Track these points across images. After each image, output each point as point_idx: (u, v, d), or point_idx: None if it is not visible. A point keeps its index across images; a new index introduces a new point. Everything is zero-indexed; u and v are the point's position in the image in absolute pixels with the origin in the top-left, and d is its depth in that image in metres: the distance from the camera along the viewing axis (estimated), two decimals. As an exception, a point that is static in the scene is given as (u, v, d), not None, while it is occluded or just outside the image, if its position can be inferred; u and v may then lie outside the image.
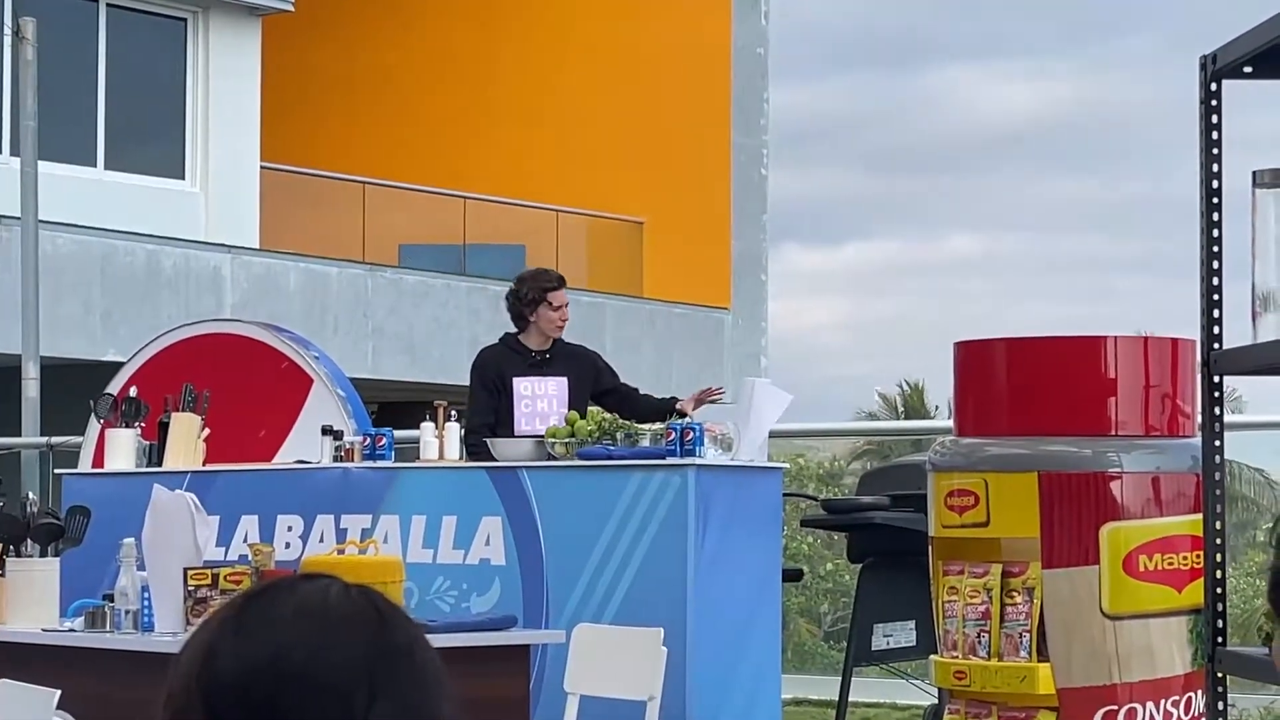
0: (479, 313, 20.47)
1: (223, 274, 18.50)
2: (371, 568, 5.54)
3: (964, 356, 5.19)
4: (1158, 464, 4.99)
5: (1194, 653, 4.95)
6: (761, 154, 22.94)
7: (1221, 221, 4.19)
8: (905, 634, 8.83)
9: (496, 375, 9.15)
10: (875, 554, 8.72)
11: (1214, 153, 4.19)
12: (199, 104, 19.78)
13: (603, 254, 22.94)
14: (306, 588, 1.86)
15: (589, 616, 7.83)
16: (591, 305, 21.46)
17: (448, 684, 1.87)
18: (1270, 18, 3.94)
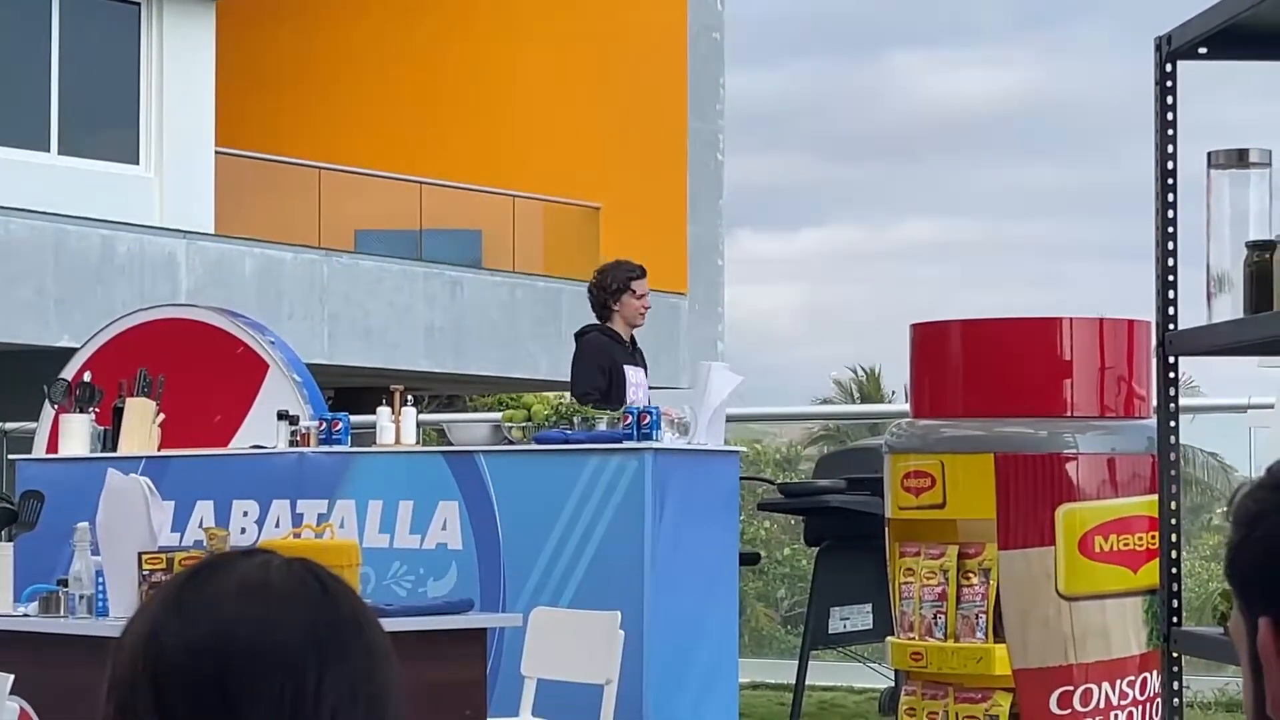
0: (435, 298, 20.43)
1: (177, 259, 18.42)
2: (328, 552, 5.52)
3: (920, 339, 5.19)
4: (1113, 445, 5.01)
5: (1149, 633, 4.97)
6: (718, 139, 22.93)
7: (1176, 203, 4.20)
8: (862, 617, 8.86)
9: (609, 359, 9.26)
10: (832, 537, 8.74)
11: (1169, 134, 4.19)
12: (153, 89, 19.67)
13: (559, 239, 22.91)
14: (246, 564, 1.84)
15: (546, 600, 7.83)
16: (548, 290, 21.43)
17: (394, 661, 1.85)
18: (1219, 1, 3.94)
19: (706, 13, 22.82)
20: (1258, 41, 4.09)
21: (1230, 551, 1.80)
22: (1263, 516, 1.76)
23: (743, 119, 24.50)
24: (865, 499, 8.45)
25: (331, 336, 19.38)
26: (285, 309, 18.82)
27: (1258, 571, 1.75)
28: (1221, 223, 4.08)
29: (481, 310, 20.71)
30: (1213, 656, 3.98)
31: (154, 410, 9.35)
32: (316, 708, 1.77)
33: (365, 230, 21.42)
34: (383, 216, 21.77)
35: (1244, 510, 1.80)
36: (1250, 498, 1.81)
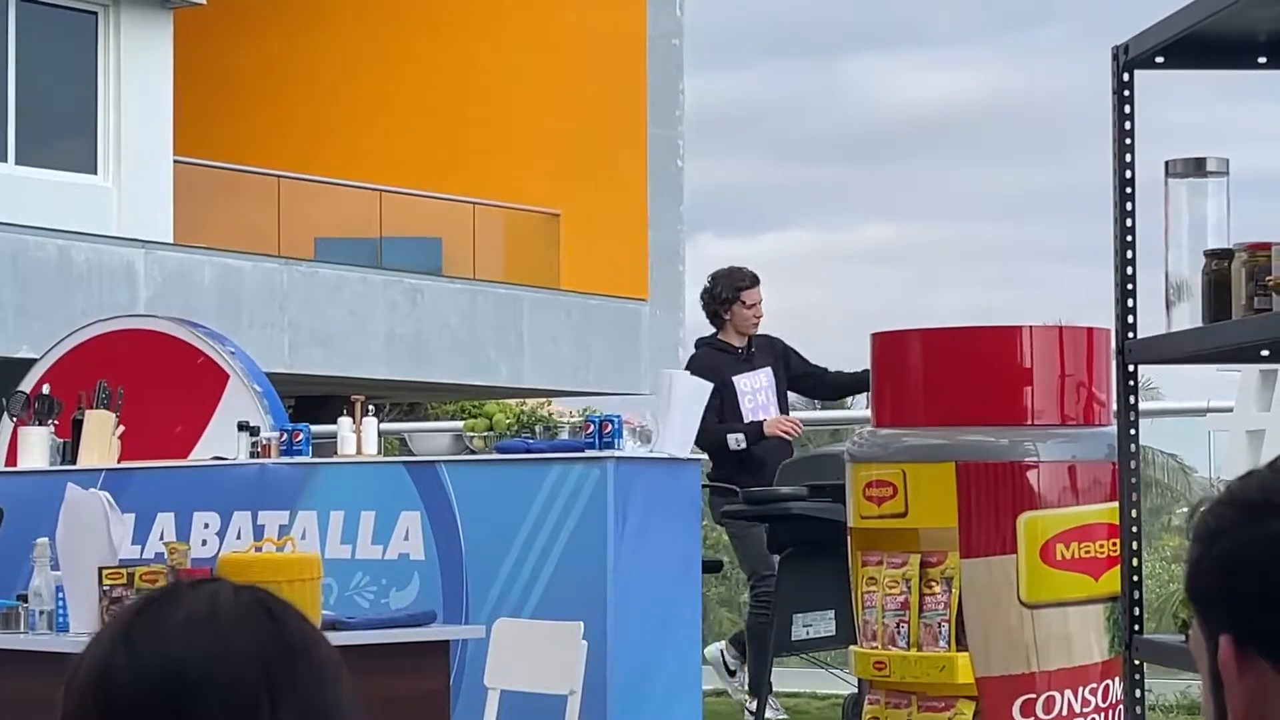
0: (395, 306, 20.41)
1: (136, 269, 18.36)
2: (289, 565, 5.51)
3: (881, 348, 5.21)
4: (1073, 453, 5.03)
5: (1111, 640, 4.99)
6: (678, 145, 22.95)
7: (1135, 211, 4.22)
8: (825, 623, 8.86)
9: (717, 378, 9.10)
10: (794, 544, 8.73)
11: (1126, 143, 4.21)
12: (111, 98, 19.61)
13: (519, 246, 22.90)
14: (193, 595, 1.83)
15: (509, 610, 7.81)
16: (508, 297, 21.42)
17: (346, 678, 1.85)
18: (1181, 9, 3.97)
19: (666, 19, 22.84)
20: (1214, 51, 4.12)
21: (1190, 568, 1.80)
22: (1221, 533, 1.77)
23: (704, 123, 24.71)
24: (828, 506, 8.44)
25: (291, 345, 19.34)
26: (245, 318, 18.78)
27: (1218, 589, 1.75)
28: (1180, 231, 4.10)
29: (442, 318, 20.69)
30: (1174, 664, 4.00)
31: (114, 422, 9.32)
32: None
33: (325, 238, 21.39)
34: (342, 224, 21.74)
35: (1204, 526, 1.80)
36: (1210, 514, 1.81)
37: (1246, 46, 4.12)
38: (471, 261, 21.75)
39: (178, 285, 18.47)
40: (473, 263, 21.74)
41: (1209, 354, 4.10)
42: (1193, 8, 3.91)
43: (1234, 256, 3.85)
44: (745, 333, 9.34)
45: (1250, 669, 1.71)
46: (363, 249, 21.30)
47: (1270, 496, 1.75)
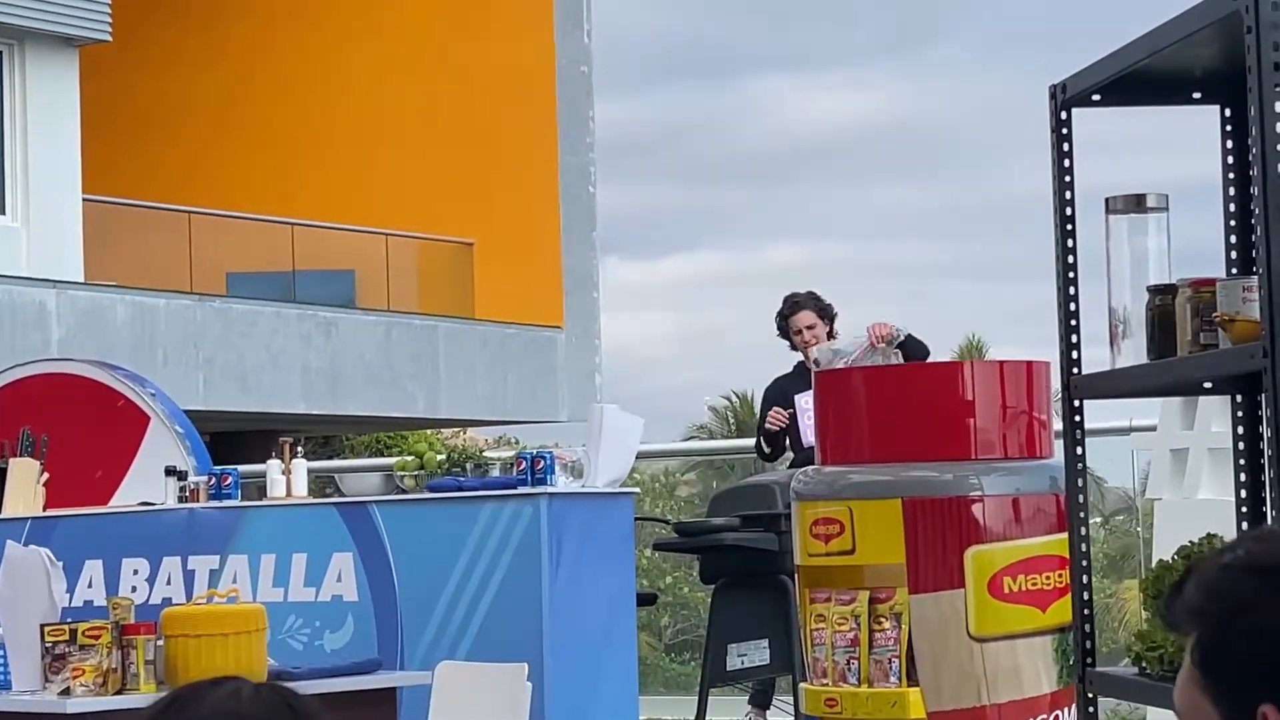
0: (310, 339, 20.32)
1: (48, 309, 18.20)
2: (234, 617, 5.48)
3: (824, 386, 5.23)
4: (1017, 485, 5.06)
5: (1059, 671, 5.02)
6: (589, 171, 22.97)
7: (1076, 248, 4.26)
8: (759, 653, 8.88)
9: (780, 396, 9.34)
10: (727, 575, 8.75)
11: (1066, 180, 4.25)
12: (18, 137, 19.44)
13: (433, 276, 22.85)
14: (217, 693, 1.84)
15: (445, 650, 7.79)
16: (424, 328, 21.36)
17: None
18: (1117, 50, 4.01)
19: (574, 46, 22.87)
20: (1149, 87, 4.16)
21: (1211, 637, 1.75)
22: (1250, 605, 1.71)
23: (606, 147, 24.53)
24: (760, 535, 8.48)
25: (207, 382, 19.22)
26: (159, 356, 18.66)
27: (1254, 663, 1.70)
28: (1121, 265, 4.14)
29: (357, 350, 20.62)
30: (1128, 697, 4.03)
31: (38, 470, 9.24)
32: None
33: (237, 273, 21.27)
34: (254, 258, 21.63)
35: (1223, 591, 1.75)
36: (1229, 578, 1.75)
37: (1182, 82, 4.17)
38: (386, 293, 21.68)
39: (91, 324, 18.32)
40: (387, 294, 21.68)
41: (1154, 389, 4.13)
42: (1129, 49, 3.95)
43: (1178, 291, 3.89)
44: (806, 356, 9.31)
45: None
46: (275, 283, 21.19)
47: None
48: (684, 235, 78.21)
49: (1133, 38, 3.96)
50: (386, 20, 22.99)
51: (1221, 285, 3.75)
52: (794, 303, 9.47)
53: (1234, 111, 4.21)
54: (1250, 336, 3.53)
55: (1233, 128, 4.22)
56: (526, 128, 22.55)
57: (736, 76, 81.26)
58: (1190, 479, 8.67)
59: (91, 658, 5.16)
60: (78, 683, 5.10)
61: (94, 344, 17.20)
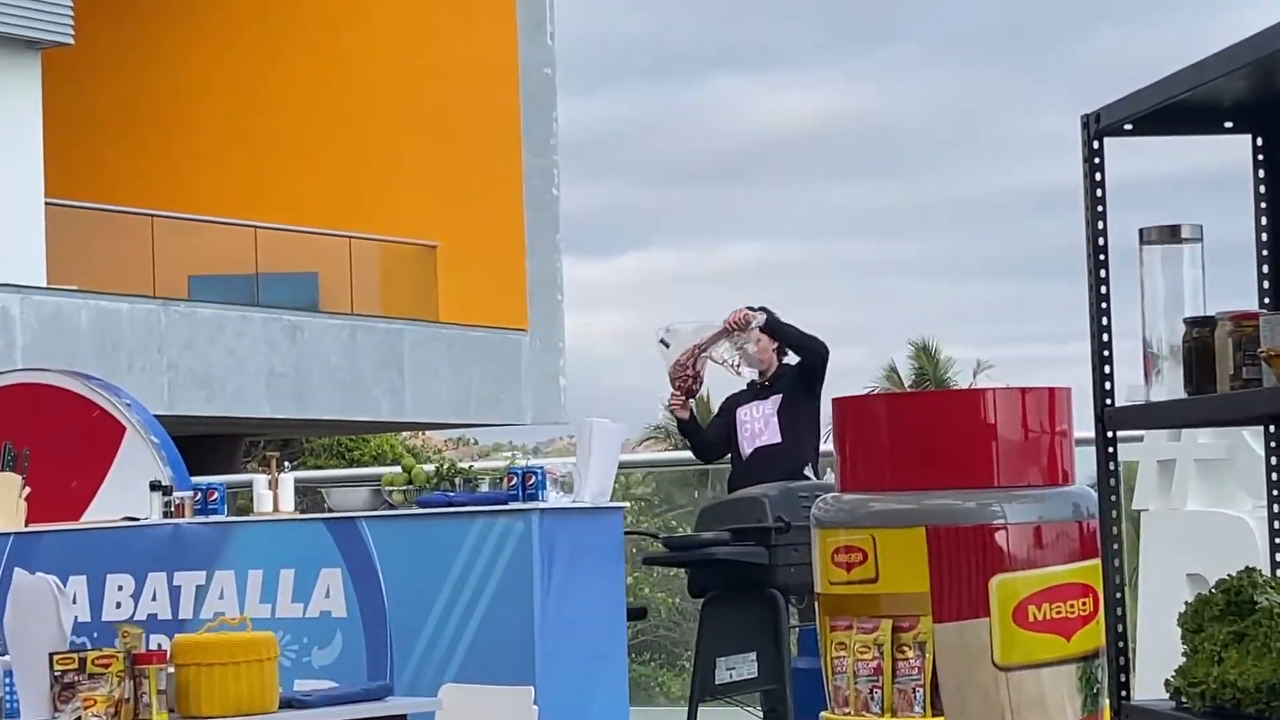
0: (275, 343, 20.23)
1: (12, 314, 18.07)
2: (247, 646, 5.43)
3: (843, 413, 5.21)
4: (1040, 513, 5.05)
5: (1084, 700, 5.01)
6: (553, 173, 22.93)
7: (1109, 278, 4.24)
8: (747, 666, 8.86)
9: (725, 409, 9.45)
10: (716, 588, 8.72)
11: (1099, 210, 4.23)
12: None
13: (397, 279, 22.77)
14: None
15: (435, 666, 7.74)
16: (388, 331, 21.29)
17: None
18: (1153, 84, 4.00)
19: (537, 48, 22.82)
20: (1181, 118, 4.15)
21: None
22: None
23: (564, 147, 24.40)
24: (749, 549, 8.45)
25: (172, 387, 19.12)
26: (124, 360, 18.55)
27: None
28: (1155, 297, 4.13)
29: (322, 354, 20.54)
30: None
31: (20, 485, 9.15)
32: None
33: (200, 276, 21.17)
34: (217, 262, 21.53)
35: None
36: None
37: (1213, 112, 4.17)
38: (349, 296, 21.60)
39: (55, 330, 18.20)
40: (350, 297, 21.60)
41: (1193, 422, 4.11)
42: (1167, 83, 3.94)
43: (1217, 324, 3.87)
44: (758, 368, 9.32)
45: None
46: (238, 286, 21.10)
47: None
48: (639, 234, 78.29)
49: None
50: (351, 23, 22.90)
51: (1265, 320, 3.73)
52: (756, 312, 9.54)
53: (1265, 140, 4.21)
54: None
55: (1264, 157, 4.21)
56: (490, 130, 22.50)
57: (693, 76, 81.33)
58: (1178, 490, 8.68)
59: (102, 687, 5.11)
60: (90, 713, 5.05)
61: (59, 348, 17.09)
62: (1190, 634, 3.88)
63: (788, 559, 8.38)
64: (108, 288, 19.26)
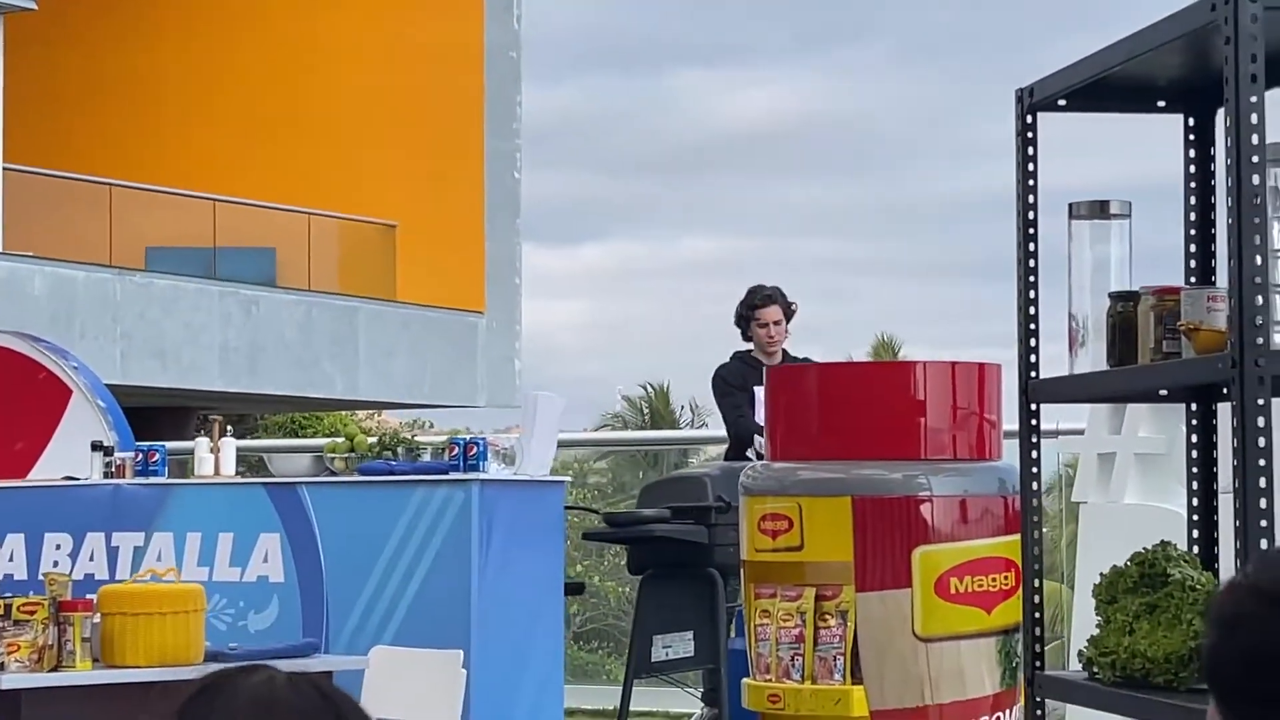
0: (230, 317, 20.18)
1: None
2: (173, 597, 5.43)
3: (775, 382, 5.23)
4: (965, 487, 5.08)
5: (1002, 673, 5.04)
6: (514, 157, 22.91)
7: (1038, 252, 4.27)
8: (684, 644, 8.88)
9: (741, 382, 9.00)
10: (655, 566, 8.74)
11: (1030, 184, 4.26)
12: (-61, 103, 19.23)
13: (355, 258, 22.74)
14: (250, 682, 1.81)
15: (370, 633, 7.75)
16: (345, 309, 21.25)
17: None
18: (1086, 57, 4.02)
19: (503, 31, 22.80)
20: (1115, 94, 4.18)
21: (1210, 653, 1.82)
22: (1240, 622, 1.78)
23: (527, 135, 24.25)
24: (689, 528, 8.47)
25: (125, 356, 19.06)
26: (77, 328, 18.49)
27: (1238, 678, 1.77)
28: (1082, 272, 4.15)
29: (277, 329, 20.50)
30: (1077, 701, 4.05)
31: (-39, 441, 9.12)
32: None
33: (157, 248, 21.09)
34: (175, 234, 21.46)
35: (1222, 610, 1.82)
36: (1230, 598, 1.83)
37: (1147, 90, 4.19)
38: (307, 272, 21.55)
39: (8, 295, 18.13)
40: (308, 274, 21.55)
41: (1113, 395, 4.14)
42: (1099, 57, 3.96)
43: (1140, 299, 3.90)
44: (767, 351, 9.02)
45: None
46: (196, 259, 21.03)
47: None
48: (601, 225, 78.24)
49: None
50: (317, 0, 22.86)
51: (1186, 294, 3.76)
52: (765, 295, 9.24)
53: (1197, 121, 4.24)
54: (1215, 346, 3.55)
55: (1195, 137, 4.24)
56: (453, 112, 22.47)
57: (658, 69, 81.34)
58: (1116, 483, 8.72)
59: (26, 633, 5.10)
60: (13, 659, 5.04)
61: (12, 314, 17.02)
62: (1104, 605, 3.91)
63: (727, 539, 8.39)
64: (65, 255, 19.18)
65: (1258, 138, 3.41)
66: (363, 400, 21.79)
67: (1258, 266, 3.39)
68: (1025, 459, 4.17)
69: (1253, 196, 3.41)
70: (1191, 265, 4.23)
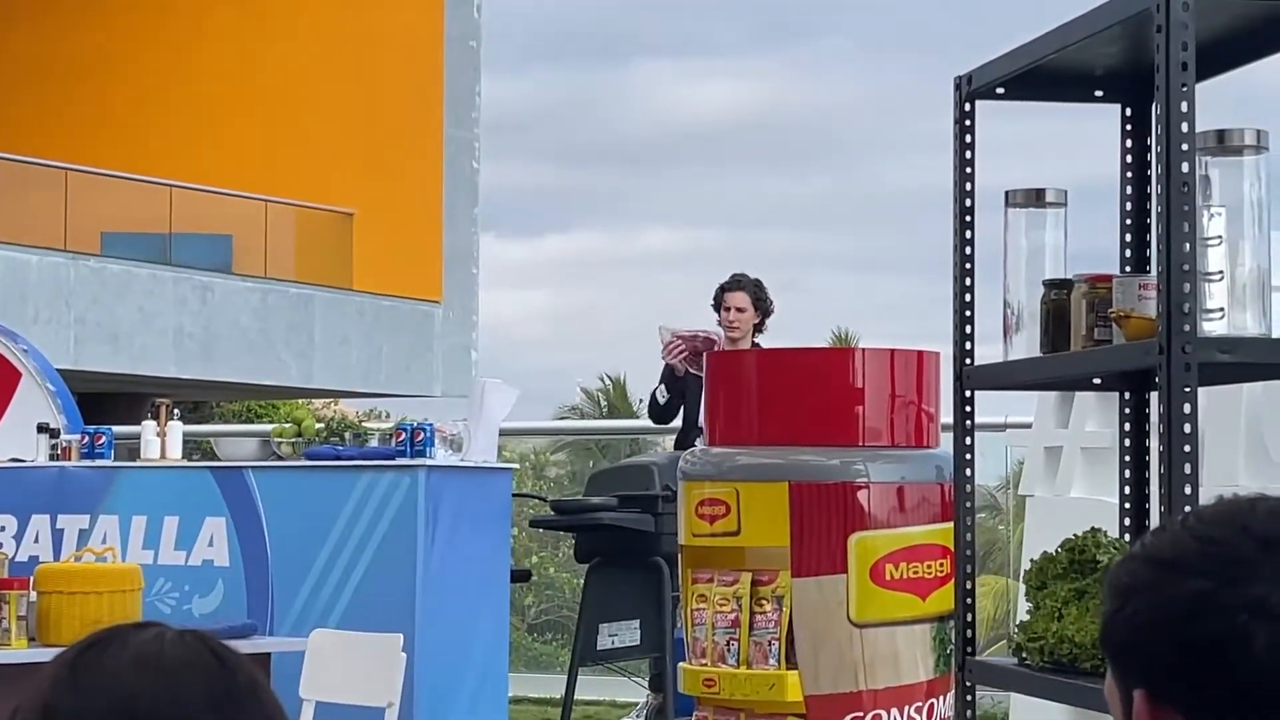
0: (185, 302, 20.12)
1: (-83, 261, 17.92)
2: (109, 576, 5.42)
3: (715, 366, 5.24)
4: (902, 474, 5.09)
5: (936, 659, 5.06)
6: (473, 146, 22.88)
7: (974, 239, 4.28)
8: (630, 633, 8.89)
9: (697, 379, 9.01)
10: (602, 554, 8.75)
11: (967, 171, 4.27)
12: (-107, 84, 19.12)
13: (312, 245, 22.68)
14: (139, 637, 1.81)
15: (315, 618, 7.75)
16: (300, 297, 21.21)
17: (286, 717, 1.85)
18: (1024, 44, 4.04)
19: (462, 19, 22.76)
20: (1053, 83, 4.20)
21: (1105, 622, 1.84)
22: (1134, 591, 1.80)
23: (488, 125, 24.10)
24: (636, 516, 8.48)
25: (78, 341, 18.99)
26: (30, 312, 18.41)
27: (1133, 646, 1.79)
28: (1018, 259, 4.17)
29: (232, 316, 20.44)
30: (1007, 687, 4.07)
31: (-93, 422, 9.08)
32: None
33: (112, 233, 21.01)
34: (131, 219, 21.38)
35: (1117, 581, 1.84)
36: (1123, 569, 1.85)
37: (1084, 80, 4.21)
38: (263, 260, 21.50)
39: (-39, 278, 18.06)
40: (264, 261, 21.49)
41: (1046, 382, 4.16)
42: (1035, 44, 3.98)
43: (1073, 287, 3.92)
44: (729, 336, 8.93)
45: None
46: (151, 244, 20.96)
47: (1181, 555, 1.78)
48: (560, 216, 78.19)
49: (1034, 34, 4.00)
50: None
51: (1118, 282, 3.78)
52: (734, 279, 9.26)
53: (1134, 111, 4.26)
54: (1145, 333, 3.57)
55: (1132, 127, 4.26)
56: (412, 100, 22.43)
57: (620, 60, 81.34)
58: (1063, 477, 8.75)
59: (-38, 612, 5.09)
60: (-53, 636, 5.02)
61: (-37, 298, 16.95)
62: (1034, 591, 3.93)
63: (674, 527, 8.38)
64: (18, 239, 19.10)
65: (1188, 126, 3.43)
66: (318, 389, 21.75)
67: (1186, 254, 3.41)
68: (959, 445, 4.19)
69: (1181, 185, 3.42)
70: (1126, 255, 4.25)
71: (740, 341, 9.08)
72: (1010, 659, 4.01)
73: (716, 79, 76.44)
